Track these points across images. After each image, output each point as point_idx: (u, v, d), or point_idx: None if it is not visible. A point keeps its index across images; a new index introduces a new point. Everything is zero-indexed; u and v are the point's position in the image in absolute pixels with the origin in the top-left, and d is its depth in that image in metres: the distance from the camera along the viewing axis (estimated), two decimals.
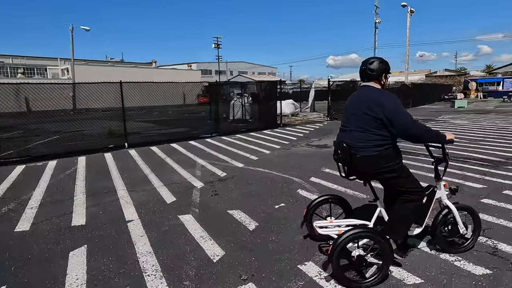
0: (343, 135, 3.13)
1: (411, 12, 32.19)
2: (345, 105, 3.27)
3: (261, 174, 6.67)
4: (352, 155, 2.95)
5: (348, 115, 3.15)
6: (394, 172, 2.99)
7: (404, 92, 26.47)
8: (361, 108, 2.96)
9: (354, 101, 3.11)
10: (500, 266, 3.08)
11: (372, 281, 2.83)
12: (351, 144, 2.97)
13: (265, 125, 14.41)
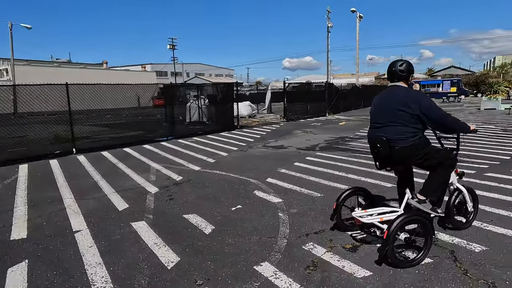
0: (378, 131, 3.45)
1: (360, 17, 33.83)
2: (375, 104, 3.60)
3: (218, 177, 6.62)
4: (392, 147, 3.28)
5: (380, 112, 3.46)
6: (427, 155, 3.39)
7: (356, 94, 27.75)
8: (396, 105, 3.28)
9: (388, 100, 3.43)
10: (440, 255, 3.32)
11: (422, 257, 3.17)
12: (389, 137, 3.29)
13: (222, 127, 14.34)
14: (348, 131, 13.12)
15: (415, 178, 3.81)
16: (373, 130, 3.53)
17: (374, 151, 3.52)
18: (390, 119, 3.31)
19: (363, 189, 4.02)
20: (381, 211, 3.59)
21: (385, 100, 3.47)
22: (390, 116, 3.32)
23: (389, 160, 3.43)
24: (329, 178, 6.23)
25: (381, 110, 3.45)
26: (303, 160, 7.83)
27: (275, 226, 4.14)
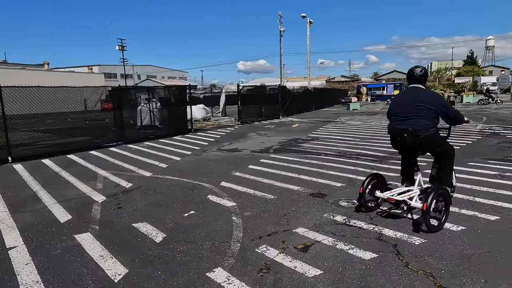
0: (402, 123, 4.16)
1: (310, 23, 34.99)
2: (396, 101, 4.46)
3: (170, 182, 6.44)
4: (417, 136, 4.02)
5: (402, 108, 4.18)
6: (439, 142, 4.25)
7: (308, 96, 28.63)
8: (419, 103, 4.03)
9: (410, 98, 4.16)
10: (384, 250, 3.51)
11: (444, 222, 3.98)
12: (415, 128, 4.02)
13: (175, 130, 14.01)
14: (301, 133, 13.47)
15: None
16: (396, 123, 4.28)
17: (398, 139, 4.24)
18: (413, 114, 4.06)
19: (381, 175, 4.68)
20: (400, 191, 4.33)
21: (407, 98, 4.23)
22: (412, 111, 4.06)
23: (414, 146, 4.20)
24: (282, 179, 6.33)
25: (404, 106, 4.17)
26: (257, 163, 7.89)
27: (228, 230, 4.11)
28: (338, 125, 16.19)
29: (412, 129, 4.04)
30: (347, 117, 20.81)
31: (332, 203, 4.97)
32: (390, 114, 4.47)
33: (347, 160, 7.92)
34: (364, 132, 13.07)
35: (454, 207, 4.57)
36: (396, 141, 4.31)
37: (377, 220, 4.28)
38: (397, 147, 4.44)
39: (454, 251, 3.43)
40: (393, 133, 4.31)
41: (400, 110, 4.24)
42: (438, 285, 2.85)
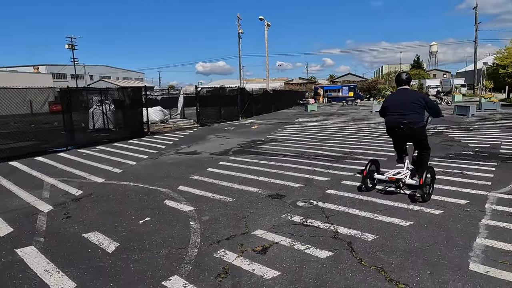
0: (399, 117, 5.09)
1: (268, 25, 35.46)
2: (391, 100, 5.42)
3: (125, 188, 6.17)
4: (411, 128, 4.99)
5: (398, 105, 5.16)
6: (425, 137, 5.29)
7: (267, 98, 28.96)
8: (411, 100, 5.05)
9: (404, 97, 5.15)
10: (340, 248, 3.62)
11: (432, 192, 5.09)
12: (411, 121, 4.97)
13: (131, 134, 13.49)
14: (260, 135, 13.57)
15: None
16: (394, 117, 5.19)
17: (395, 129, 5.18)
18: (410, 109, 5.02)
19: (377, 161, 5.72)
20: (395, 172, 5.30)
21: (402, 97, 5.19)
22: (408, 107, 5.03)
23: (408, 136, 5.19)
24: (241, 182, 6.32)
25: (400, 104, 5.14)
26: (216, 166, 7.81)
27: (186, 236, 4.01)
28: (296, 126, 16.53)
29: (408, 121, 5.00)
30: (305, 118, 21.32)
31: (290, 203, 5.05)
32: (386, 111, 5.39)
33: (304, 160, 8.10)
34: (321, 133, 13.46)
35: (403, 203, 4.85)
36: (394, 132, 5.26)
37: (333, 219, 4.41)
38: (393, 136, 5.43)
39: (403, 245, 3.62)
40: (392, 125, 5.24)
41: (397, 107, 5.17)
42: (388, 279, 2.98)
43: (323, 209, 4.75)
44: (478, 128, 13.30)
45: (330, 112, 27.42)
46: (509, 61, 25.31)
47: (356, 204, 4.90)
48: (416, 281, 2.94)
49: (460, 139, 10.62)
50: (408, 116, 5.01)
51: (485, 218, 4.25)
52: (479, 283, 2.88)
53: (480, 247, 3.52)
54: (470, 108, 19.45)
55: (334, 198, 5.24)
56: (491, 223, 4.09)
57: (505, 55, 26.51)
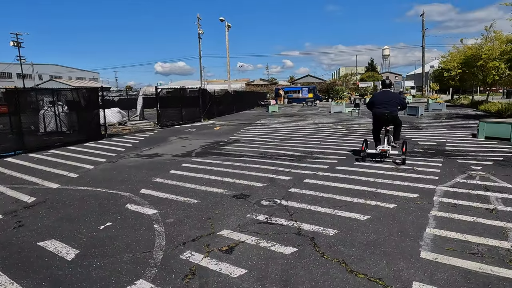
0: (384, 109, 7.58)
1: (228, 26, 35.45)
2: (378, 97, 7.89)
3: (83, 193, 5.91)
4: (392, 114, 7.54)
5: (384, 101, 7.62)
6: (398, 118, 7.80)
7: (229, 99, 28.95)
8: (392, 99, 7.61)
9: (386, 96, 7.69)
10: (303, 243, 3.75)
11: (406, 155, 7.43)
12: (392, 111, 7.53)
13: (86, 136, 12.88)
14: (223, 136, 13.56)
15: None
16: (380, 109, 7.65)
17: (383, 117, 7.65)
18: (391, 104, 7.58)
19: (367, 140, 7.92)
20: (382, 147, 7.60)
21: (385, 96, 7.74)
22: (390, 103, 7.58)
23: (389, 121, 7.69)
24: (205, 183, 6.30)
25: (384, 100, 7.65)
26: (179, 168, 7.72)
27: (150, 239, 3.94)
28: (258, 127, 16.71)
29: (389, 111, 7.58)
30: (266, 119, 21.60)
31: (254, 203, 5.13)
32: (374, 104, 7.79)
33: (267, 160, 8.24)
34: (283, 133, 13.74)
35: (361, 199, 5.12)
36: (381, 118, 7.72)
37: (296, 216, 4.55)
38: (378, 121, 7.84)
39: (362, 238, 3.83)
40: (379, 114, 7.71)
41: (382, 102, 7.66)
42: (349, 270, 3.16)
43: (287, 207, 4.89)
44: (426, 127, 14.29)
45: (291, 113, 27.99)
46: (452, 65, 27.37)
47: (318, 201, 5.10)
48: (374, 270, 3.14)
49: (411, 137, 11.36)
50: (390, 108, 7.59)
51: (433, 210, 4.62)
52: (429, 269, 3.14)
53: (429, 236, 3.83)
54: (419, 108, 20.83)
55: (297, 196, 5.41)
56: (439, 214, 4.46)
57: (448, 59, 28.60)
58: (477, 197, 5.10)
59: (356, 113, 22.74)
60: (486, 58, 22.39)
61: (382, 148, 7.53)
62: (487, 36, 23.88)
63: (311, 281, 2.99)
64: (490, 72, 23.45)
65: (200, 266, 3.32)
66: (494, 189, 5.49)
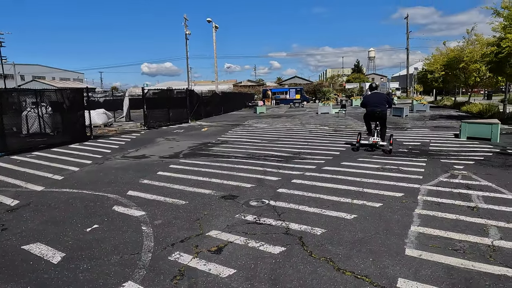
0: (376, 108, 8.96)
1: (216, 27, 35.40)
2: (369, 98, 9.25)
3: (68, 195, 5.82)
4: (382, 112, 8.99)
5: (375, 101, 9.05)
6: (386, 117, 9.30)
7: (216, 100, 28.88)
8: (382, 99, 9.15)
9: (377, 97, 9.20)
10: (291, 243, 3.80)
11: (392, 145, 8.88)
12: (382, 109, 8.96)
13: (71, 138, 12.65)
14: (210, 137, 13.53)
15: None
16: (372, 108, 9.03)
17: (374, 114, 9.08)
18: (381, 103, 9.00)
19: (361, 133, 9.77)
20: (374, 138, 9.12)
21: (376, 96, 9.21)
22: (379, 102, 9.00)
23: (380, 117, 9.08)
24: (193, 184, 6.29)
25: (375, 100, 9.06)
26: (167, 169, 7.67)
27: (138, 241, 3.92)
28: (246, 128, 16.73)
29: (380, 110, 9.00)
30: (254, 120, 21.64)
31: (243, 203, 5.15)
32: (367, 104, 9.25)
33: (255, 161, 8.27)
34: (271, 134, 13.80)
35: (347, 198, 5.20)
36: (372, 115, 9.19)
37: (284, 216, 4.60)
38: (370, 117, 9.30)
39: (349, 236, 3.90)
40: (371, 111, 9.12)
41: (374, 102, 9.10)
42: (336, 268, 3.21)
43: (275, 207, 4.93)
44: (411, 128, 14.59)
45: (278, 114, 28.11)
46: (436, 67, 28.00)
47: (306, 201, 5.15)
48: (360, 268, 3.20)
49: (396, 138, 11.57)
50: (380, 107, 9.02)
51: (417, 208, 4.73)
52: (414, 265, 3.23)
53: (414, 234, 3.92)
54: (404, 109, 21.22)
55: (285, 196, 5.45)
56: (423, 212, 4.57)
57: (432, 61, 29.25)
58: (459, 196, 5.25)
59: (343, 114, 23.01)
60: (467, 61, 23.03)
61: (373, 139, 9.12)
62: (469, 39, 24.59)
63: (300, 280, 3.03)
64: (472, 74, 24.14)
65: (189, 266, 3.32)
66: (476, 187, 5.66)
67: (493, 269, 3.11)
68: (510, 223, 4.17)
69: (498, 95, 40.11)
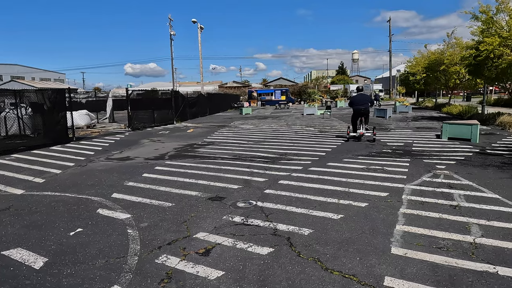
0: (361, 106, 11.31)
1: (201, 28, 35.23)
2: (356, 98, 11.53)
3: (50, 199, 5.66)
4: (366, 110, 11.41)
5: (361, 101, 11.36)
6: (369, 113, 11.80)
7: (202, 101, 28.71)
8: (366, 99, 11.52)
9: (362, 97, 11.53)
10: (280, 243, 3.80)
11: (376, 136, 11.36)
12: (366, 107, 11.38)
13: (53, 140, 12.34)
14: (196, 138, 13.44)
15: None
16: (358, 106, 11.30)
17: (360, 111, 11.33)
18: (365, 103, 11.34)
19: (349, 126, 11.75)
20: (362, 130, 11.40)
21: (362, 97, 11.50)
22: (365, 101, 11.34)
23: (364, 113, 11.35)
24: (179, 186, 6.23)
25: (361, 100, 11.34)
26: (152, 171, 7.57)
27: (124, 244, 3.85)
28: (232, 129, 16.70)
29: (365, 107, 11.22)
30: (240, 121, 21.62)
31: (230, 205, 5.13)
32: (353, 103, 11.42)
33: (242, 162, 8.26)
34: (257, 135, 13.81)
35: (334, 199, 5.25)
36: (358, 112, 11.35)
37: (272, 217, 4.60)
38: (357, 114, 11.42)
39: (336, 236, 3.94)
40: (357, 109, 11.30)
41: (360, 102, 11.27)
42: (324, 268, 3.24)
43: (263, 208, 4.93)
44: (394, 129, 14.87)
45: (264, 115, 28.17)
46: (417, 69, 28.69)
47: (293, 202, 5.18)
48: (348, 267, 3.24)
49: (380, 138, 11.77)
50: (364, 105, 11.27)
51: (402, 208, 4.82)
52: (399, 263, 3.29)
53: (399, 233, 3.99)
54: (388, 110, 21.62)
55: (272, 197, 5.46)
56: (407, 212, 4.66)
57: (414, 64, 29.96)
58: (442, 195, 5.38)
59: (328, 115, 23.25)
60: (448, 63, 23.68)
61: (360, 131, 11.39)
62: (449, 42, 25.31)
63: (288, 280, 3.04)
64: (452, 76, 24.82)
65: (176, 269, 3.28)
66: (457, 186, 5.81)
67: (476, 266, 3.20)
68: (490, 221, 4.30)
69: (477, 97, 41.39)
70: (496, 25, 14.21)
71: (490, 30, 14.36)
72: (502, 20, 14.28)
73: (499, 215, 4.47)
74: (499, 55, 13.52)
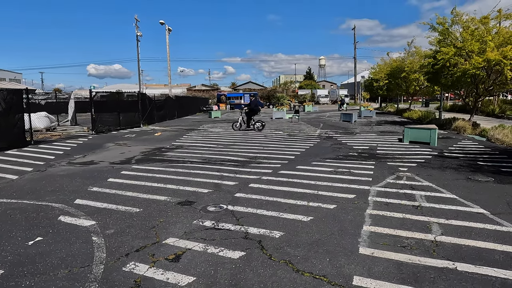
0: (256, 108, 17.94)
1: (169, 30, 34.67)
2: (252, 103, 18.00)
3: (6, 206, 5.30)
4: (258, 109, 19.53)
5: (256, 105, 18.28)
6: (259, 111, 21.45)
7: (170, 104, 28.17)
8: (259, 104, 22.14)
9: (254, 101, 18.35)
10: (251, 247, 3.80)
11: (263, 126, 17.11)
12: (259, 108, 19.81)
13: (8, 144, 11.56)
14: (164, 142, 13.15)
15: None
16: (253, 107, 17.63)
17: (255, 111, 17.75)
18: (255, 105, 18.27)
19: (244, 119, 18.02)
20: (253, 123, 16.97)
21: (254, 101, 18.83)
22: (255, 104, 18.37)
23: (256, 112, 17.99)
24: (147, 191, 6.06)
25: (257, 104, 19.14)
26: (118, 175, 7.31)
27: (88, 253, 3.67)
28: (201, 133, 16.52)
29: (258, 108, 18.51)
30: (209, 125, 21.45)
31: (200, 209, 5.06)
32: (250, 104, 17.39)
33: (212, 166, 8.19)
34: (226, 139, 13.76)
35: (303, 201, 5.34)
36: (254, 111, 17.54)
37: (243, 221, 4.59)
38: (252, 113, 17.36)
39: (306, 238, 4.00)
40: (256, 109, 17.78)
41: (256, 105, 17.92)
42: (296, 269, 3.27)
43: (233, 212, 4.91)
44: (359, 133, 15.40)
45: (233, 119, 28.08)
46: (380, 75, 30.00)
47: (264, 205, 5.20)
48: (318, 268, 3.29)
49: (346, 142, 12.14)
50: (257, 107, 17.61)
51: (368, 209, 4.99)
52: (367, 263, 3.39)
53: (366, 233, 4.13)
54: (353, 115, 22.37)
55: (243, 200, 5.45)
56: (373, 212, 4.83)
57: (377, 70, 31.32)
58: (405, 196, 5.63)
59: (296, 119, 23.64)
60: (408, 71, 24.94)
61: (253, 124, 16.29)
62: (409, 51, 26.70)
63: (260, 283, 3.04)
64: (412, 83, 26.16)
65: (145, 277, 3.18)
66: (418, 187, 6.11)
67: (437, 263, 3.38)
68: (449, 219, 4.55)
69: (435, 103, 43.84)
70: (452, 36, 15.16)
71: (446, 40, 15.29)
72: (456, 32, 15.26)
73: (457, 214, 4.75)
74: (454, 64, 14.42)
